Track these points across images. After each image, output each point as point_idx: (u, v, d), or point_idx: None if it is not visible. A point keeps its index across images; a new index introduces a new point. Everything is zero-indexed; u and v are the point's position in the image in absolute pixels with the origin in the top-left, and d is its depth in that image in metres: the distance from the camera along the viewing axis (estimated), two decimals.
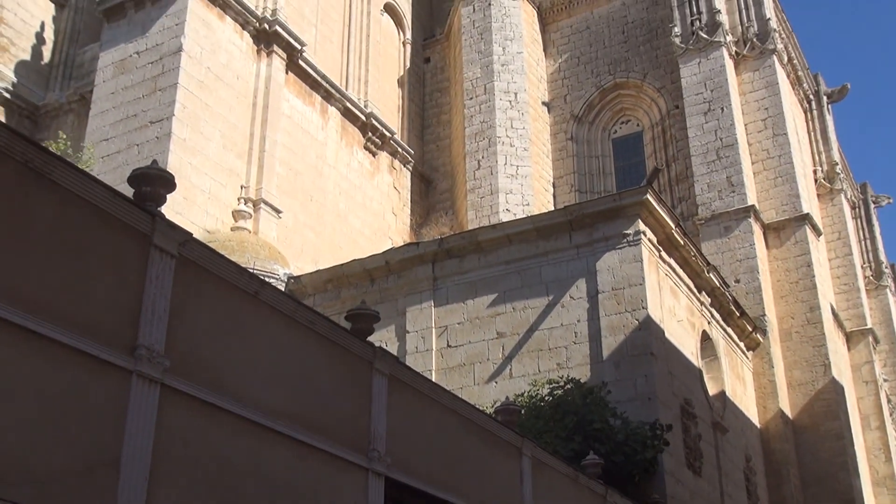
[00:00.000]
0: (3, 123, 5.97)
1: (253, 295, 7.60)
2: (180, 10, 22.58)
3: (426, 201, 30.84)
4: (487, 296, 18.17)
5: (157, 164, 7.61)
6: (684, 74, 27.22)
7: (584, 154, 29.69)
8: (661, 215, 17.63)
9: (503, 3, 30.31)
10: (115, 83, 22.92)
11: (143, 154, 21.35)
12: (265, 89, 24.07)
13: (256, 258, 20.18)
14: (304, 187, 24.97)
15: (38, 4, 28.37)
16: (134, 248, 6.67)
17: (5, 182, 5.82)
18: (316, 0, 28.05)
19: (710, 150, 25.92)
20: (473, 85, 29.43)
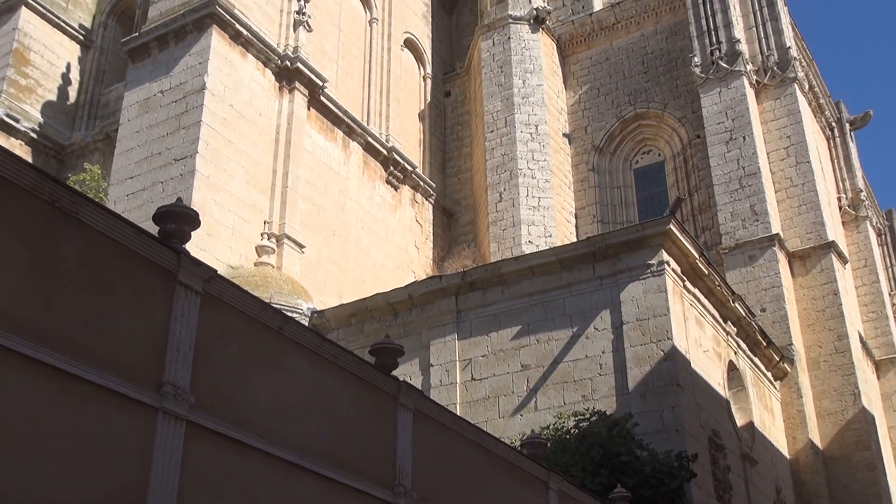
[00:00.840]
0: (31, 164, 6.05)
1: (277, 330, 7.62)
2: (203, 49, 22.86)
3: (448, 234, 30.88)
4: (511, 328, 18.11)
5: (182, 201, 7.68)
6: (705, 104, 27.21)
7: (606, 185, 29.67)
8: (684, 245, 17.56)
9: (522, 36, 30.48)
10: (139, 122, 23.19)
11: (167, 191, 21.54)
12: (287, 125, 24.26)
13: (280, 293, 20.25)
14: (326, 222, 25.09)
15: (64, 46, 28.85)
16: (159, 285, 6.72)
17: (33, 221, 5.89)
18: (337, 37, 28.33)
19: (732, 178, 25.83)
20: (494, 118, 29.54)
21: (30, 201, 5.88)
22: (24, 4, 27.79)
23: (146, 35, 23.98)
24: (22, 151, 26.09)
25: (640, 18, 31.03)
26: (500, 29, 30.70)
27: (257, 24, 24.41)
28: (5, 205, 5.76)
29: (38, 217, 5.95)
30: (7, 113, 26.01)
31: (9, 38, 27.48)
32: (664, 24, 30.63)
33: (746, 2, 29.06)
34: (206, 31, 22.98)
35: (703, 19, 28.53)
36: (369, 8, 30.57)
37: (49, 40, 28.43)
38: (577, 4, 32.38)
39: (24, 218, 5.87)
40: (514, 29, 30.53)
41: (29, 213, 5.90)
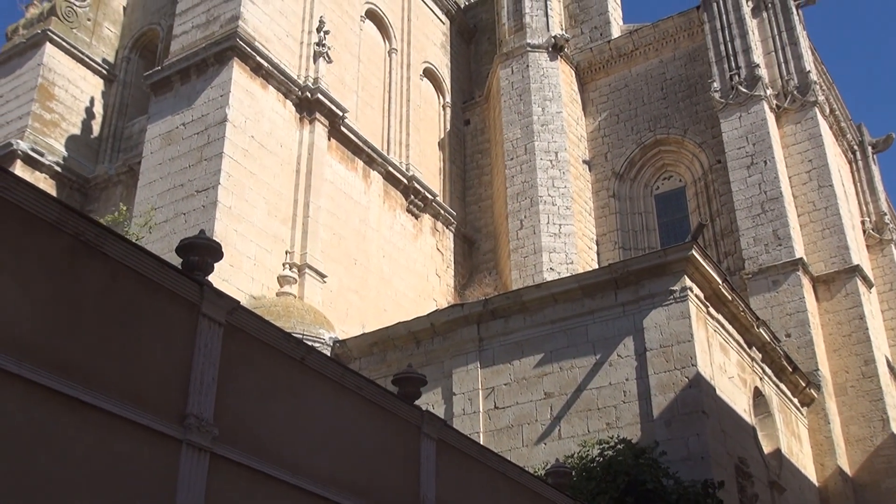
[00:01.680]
0: (55, 198, 6.11)
1: (300, 361, 7.63)
2: (225, 82, 23.09)
3: (469, 262, 30.87)
4: (534, 356, 18.04)
5: (204, 233, 7.73)
6: (725, 129, 27.16)
7: (627, 211, 29.60)
8: (707, 271, 17.46)
9: (541, 64, 30.59)
10: (162, 154, 23.40)
11: (189, 223, 21.67)
12: (308, 156, 24.41)
13: (302, 323, 20.28)
14: (347, 251, 25.15)
15: (87, 80, 29.21)
16: (183, 316, 6.75)
17: (58, 255, 5.94)
18: (356, 67, 28.53)
19: (754, 203, 25.71)
20: (514, 145, 29.60)
21: (55, 235, 5.94)
22: (49, 41, 28.19)
23: (168, 69, 24.26)
24: (46, 185, 26.35)
25: (659, 45, 31.08)
26: (519, 57, 30.83)
27: (278, 56, 24.63)
28: (31, 239, 5.81)
29: (63, 250, 6.00)
30: (32, 147, 26.31)
31: (34, 74, 27.86)
32: (682, 50, 30.65)
33: (765, 27, 29.06)
34: (228, 63, 23.23)
35: (722, 45, 28.54)
36: (388, 39, 30.80)
37: (73, 75, 28.79)
38: (596, 32, 32.49)
39: (50, 251, 5.93)
40: (532, 57, 30.64)
41: (54, 246, 5.95)
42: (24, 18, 29.62)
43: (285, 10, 25.75)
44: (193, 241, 7.08)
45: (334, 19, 27.56)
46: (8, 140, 26.10)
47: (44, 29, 28.31)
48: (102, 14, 30.55)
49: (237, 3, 24.13)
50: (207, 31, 24.32)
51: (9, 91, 28.10)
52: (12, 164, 25.55)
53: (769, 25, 29.08)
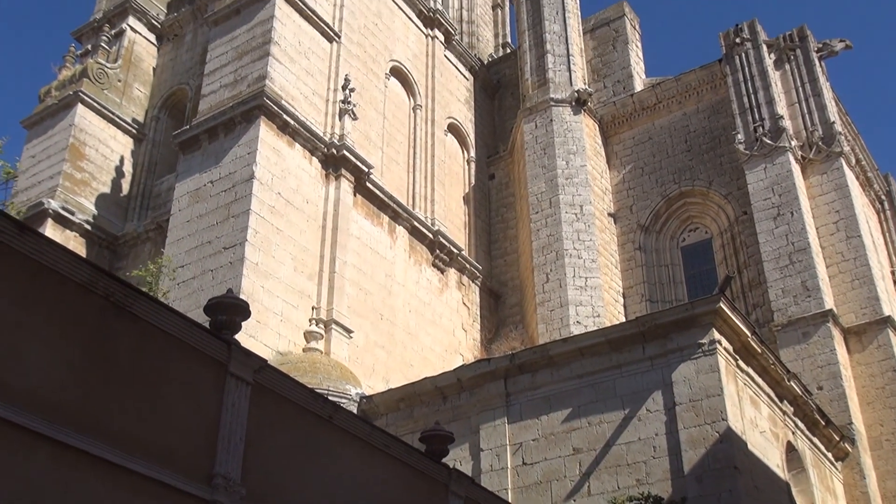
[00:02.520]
0: (86, 259, 6.19)
1: (327, 419, 7.61)
2: (252, 140, 23.39)
3: (496, 316, 30.78)
4: (562, 411, 17.87)
5: (232, 291, 7.78)
6: (751, 180, 27.12)
7: (654, 263, 29.49)
8: (735, 323, 17.31)
9: (565, 118, 30.77)
10: (190, 211, 23.65)
11: (217, 279, 21.81)
12: (334, 212, 24.58)
13: (328, 379, 20.24)
14: (374, 306, 25.17)
15: (117, 140, 29.69)
16: (210, 376, 6.77)
17: (89, 315, 5.99)
18: (381, 124, 28.83)
19: (782, 254, 25.55)
20: (539, 199, 29.66)
21: (86, 296, 6.00)
22: (81, 101, 28.74)
23: (197, 127, 24.62)
24: (76, 243, 26.66)
25: (682, 98, 31.21)
26: (543, 111, 31.04)
27: (304, 113, 24.95)
28: (62, 300, 5.88)
29: (94, 311, 6.06)
30: (63, 206, 26.68)
31: (65, 134, 28.36)
32: (706, 103, 30.76)
33: (788, 78, 29.14)
34: (255, 122, 23.55)
35: (745, 97, 28.62)
36: (413, 95, 31.15)
37: (103, 135, 29.28)
38: (619, 86, 32.70)
39: (80, 312, 5.98)
40: (556, 111, 30.85)
41: (85, 307, 6.01)
42: (57, 80, 30.23)
43: (311, 69, 26.14)
44: (221, 300, 7.13)
45: (359, 77, 27.93)
46: (40, 199, 26.49)
47: (76, 90, 28.88)
48: (133, 75, 31.14)
49: (264, 63, 24.55)
50: (235, 91, 24.72)
51: (41, 151, 28.59)
52: (43, 223, 25.91)
53: (792, 77, 29.15)
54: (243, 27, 25.87)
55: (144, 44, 32.05)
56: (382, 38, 30.24)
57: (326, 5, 27.74)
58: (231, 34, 26.09)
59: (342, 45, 27.44)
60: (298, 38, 26.01)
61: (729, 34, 30.17)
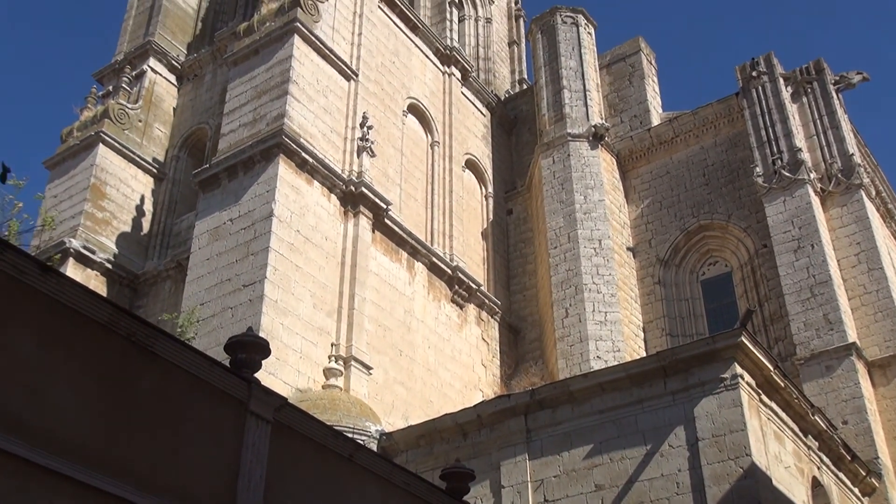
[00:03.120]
0: (107, 299, 6.22)
1: (348, 458, 7.57)
2: (271, 178, 23.54)
3: (515, 352, 30.66)
4: (583, 447, 17.72)
5: (252, 329, 7.79)
6: (770, 213, 27.02)
7: (673, 297, 29.34)
8: (758, 357, 17.17)
9: (582, 153, 30.83)
10: (209, 249, 23.77)
11: (236, 317, 21.86)
12: (353, 249, 24.63)
13: (348, 416, 20.18)
14: (393, 343, 25.14)
15: (138, 179, 29.97)
16: (231, 415, 6.76)
17: (110, 355, 6.01)
18: (399, 160, 28.98)
19: (803, 287, 25.37)
20: (557, 234, 29.64)
21: (107, 335, 6.03)
22: (102, 142, 29.07)
23: (216, 166, 24.82)
24: (97, 282, 26.83)
25: (699, 131, 31.23)
26: (560, 147, 31.12)
27: (322, 151, 25.12)
28: (84, 340, 5.90)
29: (115, 351, 6.08)
30: (84, 245, 26.90)
31: (87, 174, 28.65)
32: (723, 136, 30.76)
33: (805, 111, 29.13)
34: (274, 160, 23.72)
35: (763, 130, 28.60)
36: (430, 132, 31.32)
37: (124, 174, 29.57)
38: (635, 120, 32.77)
39: (102, 352, 6.00)
40: (573, 146, 30.92)
41: (106, 347, 6.03)
42: (79, 121, 30.61)
43: (329, 107, 26.36)
44: (241, 339, 7.14)
45: (377, 115, 28.13)
46: (61, 239, 26.71)
47: (97, 131, 29.23)
48: (153, 115, 31.50)
49: (283, 102, 24.77)
50: (254, 130, 24.93)
51: (63, 191, 28.88)
52: (65, 263, 26.11)
53: (810, 110, 29.14)
54: (262, 67, 26.15)
55: (165, 84, 32.44)
56: (399, 76, 30.48)
57: (344, 44, 28.01)
58: (250, 74, 26.37)
59: (360, 84, 27.66)
60: (316, 77, 26.25)
61: (745, 68, 30.23)
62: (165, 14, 33.81)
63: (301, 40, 26.01)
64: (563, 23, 33.96)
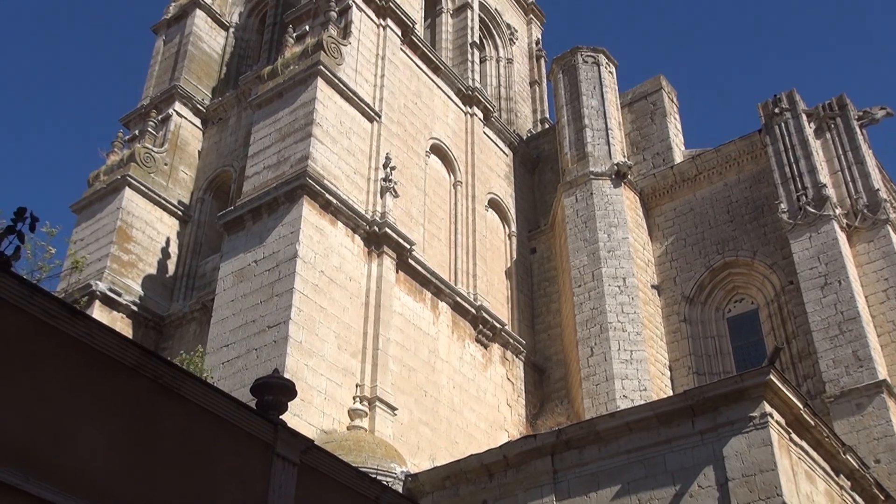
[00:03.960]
0: (134, 342, 6.25)
1: (374, 500, 7.52)
2: (295, 219, 23.66)
3: (540, 391, 30.46)
4: (611, 488, 17.49)
5: (278, 371, 7.79)
6: (796, 249, 26.82)
7: (699, 335, 29.10)
8: (787, 395, 16.94)
9: (605, 191, 30.81)
10: (234, 291, 23.86)
11: (261, 358, 21.87)
12: (377, 289, 24.65)
13: (373, 457, 20.07)
14: (417, 383, 25.05)
15: (163, 222, 30.24)
16: (257, 457, 6.74)
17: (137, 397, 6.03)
18: (422, 200, 29.07)
19: (831, 324, 25.09)
20: (581, 272, 29.54)
21: (134, 378, 6.04)
22: (128, 185, 29.39)
23: (241, 208, 25.00)
24: (123, 324, 26.98)
25: (722, 168, 31.16)
26: (583, 185, 31.11)
27: (346, 192, 25.25)
28: (111, 382, 5.92)
29: (142, 392, 6.09)
30: (110, 287, 27.10)
31: (113, 217, 28.95)
32: (746, 173, 30.67)
33: (829, 147, 29.02)
34: (298, 201, 23.86)
35: (787, 166, 28.49)
36: (453, 172, 31.43)
37: (150, 217, 29.85)
38: (658, 158, 32.75)
39: (129, 394, 6.02)
40: (596, 185, 30.91)
41: (133, 389, 6.04)
42: (105, 165, 30.99)
43: (353, 148, 26.54)
44: (268, 381, 7.14)
45: (400, 155, 28.29)
46: (88, 281, 26.93)
47: (123, 174, 29.57)
48: (179, 158, 31.85)
49: (307, 144, 24.97)
50: (278, 171, 25.12)
51: (89, 234, 29.18)
52: (91, 305, 26.30)
53: (833, 145, 29.03)
54: (286, 109, 26.42)
55: (190, 128, 32.84)
56: (422, 117, 30.69)
57: (367, 86, 28.27)
58: (274, 116, 26.64)
59: (383, 125, 27.86)
60: (340, 119, 26.48)
61: (768, 104, 30.21)
62: (191, 59, 34.32)
63: (324, 83, 26.27)
64: (584, 62, 34.14)
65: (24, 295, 5.50)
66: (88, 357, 5.78)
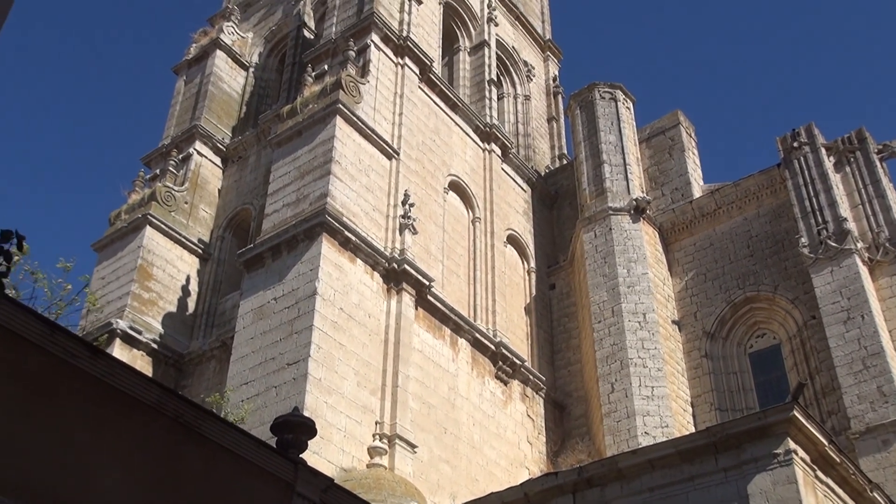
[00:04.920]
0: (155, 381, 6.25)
1: None
2: (314, 257, 23.73)
3: (561, 428, 30.22)
4: None
5: (298, 409, 7.77)
6: (817, 284, 26.61)
7: (721, 371, 28.84)
8: (811, 432, 16.72)
9: (624, 226, 30.74)
10: (254, 328, 23.90)
11: (280, 396, 21.84)
12: (396, 326, 24.62)
13: (393, 496, 19.93)
14: (437, 420, 24.92)
15: (184, 260, 30.40)
16: (278, 496, 6.70)
17: (158, 436, 6.02)
18: (441, 237, 29.10)
19: (854, 359, 24.82)
20: (601, 308, 29.41)
21: (155, 417, 6.04)
22: (149, 224, 29.60)
23: (260, 246, 25.10)
24: (143, 362, 27.05)
25: (741, 203, 31.05)
26: (601, 221, 31.06)
27: (365, 229, 25.32)
28: (132, 421, 5.92)
29: (163, 431, 6.08)
30: (131, 326, 27.21)
31: (134, 256, 29.12)
32: (766, 207, 30.54)
33: (849, 180, 28.88)
34: (317, 239, 23.94)
35: (807, 200, 28.36)
36: (472, 208, 31.48)
37: (170, 255, 30.02)
38: (677, 193, 32.69)
39: (150, 433, 6.01)
40: (614, 220, 30.85)
41: (154, 428, 6.03)
42: (126, 204, 31.24)
43: (371, 186, 26.65)
44: (288, 419, 7.11)
45: (418, 192, 28.37)
46: (108, 319, 27.04)
47: (144, 213, 29.79)
48: (199, 197, 32.09)
49: (326, 182, 25.10)
50: (298, 209, 25.24)
51: (110, 273, 29.35)
52: (112, 343, 26.38)
53: (853, 179, 28.90)
54: (305, 148, 26.60)
55: (210, 166, 33.12)
56: (440, 154, 30.81)
57: (385, 124, 28.44)
58: (293, 155, 26.82)
59: (401, 162, 28.00)
60: (359, 157, 26.62)
61: (786, 138, 30.15)
62: (211, 99, 34.68)
63: (343, 121, 26.46)
64: (601, 98, 34.24)
65: (44, 333, 5.52)
66: (109, 396, 5.79)
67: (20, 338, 5.51)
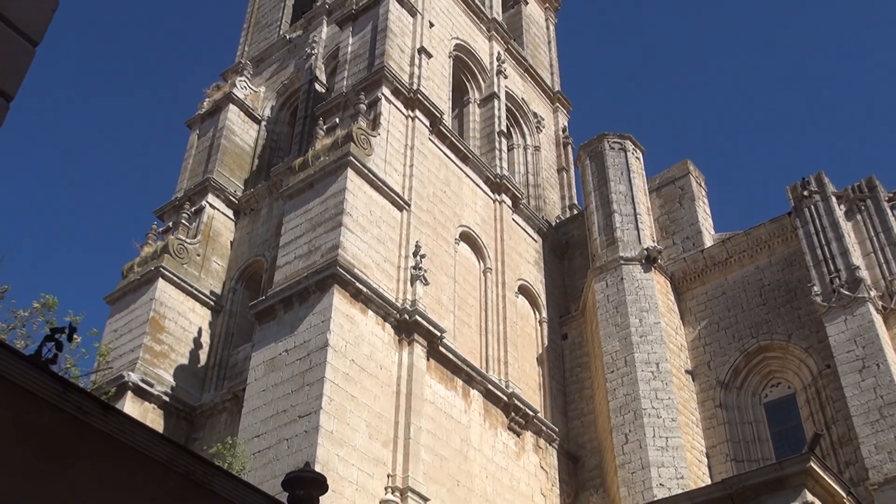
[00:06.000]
0: (166, 437, 6.24)
1: None
2: (326, 308, 23.74)
3: (575, 480, 29.91)
4: None
5: (309, 464, 7.74)
6: (831, 333, 26.46)
7: (736, 421, 28.58)
8: (828, 483, 16.55)
9: (635, 276, 30.71)
10: (265, 381, 23.85)
11: (292, 448, 21.71)
12: (408, 377, 24.54)
13: None
14: (450, 472, 24.71)
15: (196, 312, 30.47)
16: None
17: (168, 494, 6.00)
18: (452, 288, 29.11)
19: (871, 409, 24.58)
20: (613, 358, 29.28)
21: (166, 473, 6.02)
22: (162, 276, 29.72)
23: (272, 298, 25.14)
24: (154, 415, 26.98)
25: (753, 251, 31.02)
26: (613, 270, 31.05)
27: (376, 281, 25.36)
28: (142, 478, 5.90)
29: (174, 488, 6.06)
30: (142, 378, 27.19)
31: (146, 308, 29.21)
32: (778, 256, 30.49)
33: (861, 229, 28.86)
34: (329, 291, 23.97)
35: (818, 249, 28.32)
36: (483, 259, 31.52)
37: (182, 307, 30.09)
38: (688, 242, 32.69)
39: (160, 490, 5.99)
40: (626, 270, 30.83)
41: (165, 485, 6.02)
42: (139, 257, 31.40)
43: (383, 237, 26.75)
44: (300, 475, 7.09)
45: (430, 243, 28.46)
46: (120, 372, 27.04)
47: (157, 266, 29.92)
48: (211, 249, 32.26)
49: (337, 234, 25.21)
50: (309, 261, 25.33)
51: (122, 325, 29.42)
52: (123, 396, 26.35)
53: (864, 227, 28.89)
54: (316, 200, 26.77)
55: (222, 219, 33.33)
56: (451, 205, 30.95)
57: (396, 176, 28.63)
58: (305, 207, 26.99)
59: (412, 213, 28.13)
60: (370, 209, 26.76)
61: (797, 187, 30.20)
62: (224, 152, 35.03)
63: (354, 173, 26.65)
64: (610, 148, 34.42)
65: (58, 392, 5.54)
66: (120, 453, 5.78)
67: (34, 395, 5.53)
